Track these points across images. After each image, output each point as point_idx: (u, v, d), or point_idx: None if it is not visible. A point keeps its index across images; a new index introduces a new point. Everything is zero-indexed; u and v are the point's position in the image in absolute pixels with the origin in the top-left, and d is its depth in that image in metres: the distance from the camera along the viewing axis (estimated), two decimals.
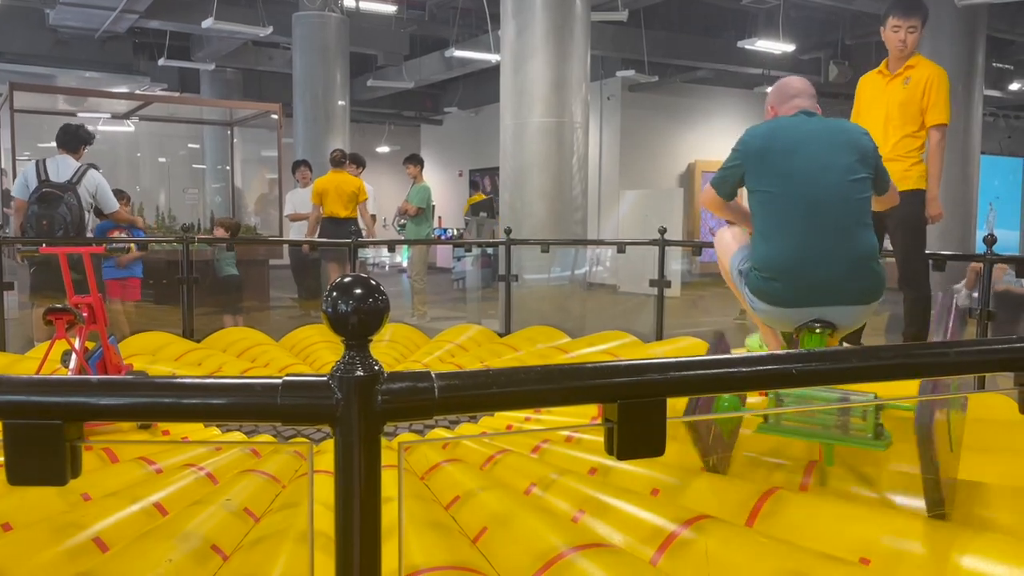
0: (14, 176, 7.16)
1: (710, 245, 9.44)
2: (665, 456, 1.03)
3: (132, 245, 6.41)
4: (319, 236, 7.93)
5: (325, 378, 0.85)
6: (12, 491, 2.69)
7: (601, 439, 2.91)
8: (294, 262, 8.57)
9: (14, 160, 7.56)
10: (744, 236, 3.12)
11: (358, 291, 0.84)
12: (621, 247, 6.38)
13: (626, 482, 2.69)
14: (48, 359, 3.46)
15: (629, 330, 5.65)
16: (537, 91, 6.73)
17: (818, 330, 2.65)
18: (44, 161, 5.62)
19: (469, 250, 9.91)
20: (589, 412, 3.63)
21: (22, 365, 4.57)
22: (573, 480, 2.66)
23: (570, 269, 7.67)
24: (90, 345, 3.64)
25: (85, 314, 3.48)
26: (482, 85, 15.16)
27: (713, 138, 14.29)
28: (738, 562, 2.05)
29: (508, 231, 6.61)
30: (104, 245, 5.46)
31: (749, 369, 1.00)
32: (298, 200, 8.56)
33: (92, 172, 5.74)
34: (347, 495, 0.85)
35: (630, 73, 11.88)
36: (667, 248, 6.05)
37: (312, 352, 5.48)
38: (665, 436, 0.94)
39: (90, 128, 6.08)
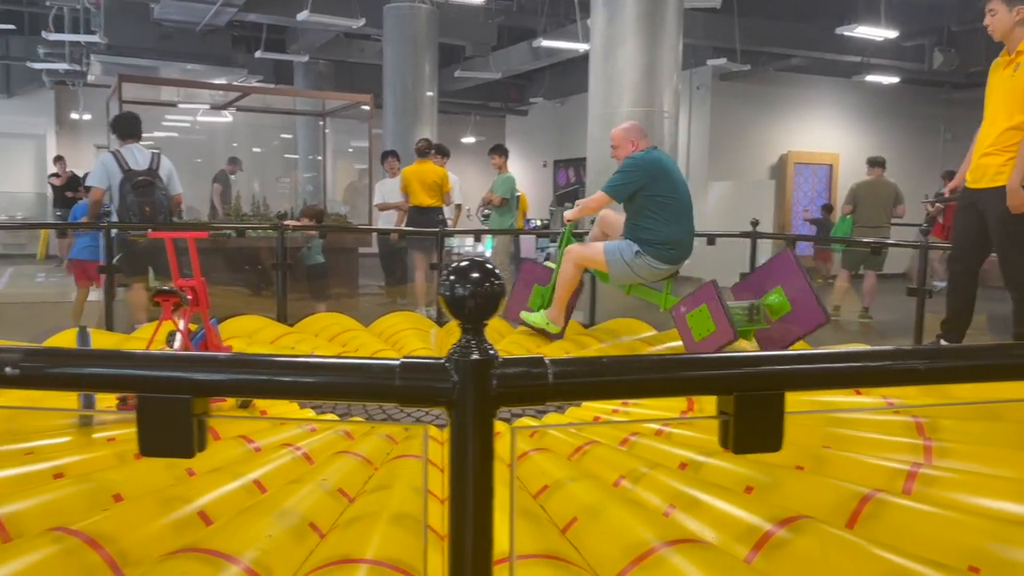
0: None
1: (805, 238, 9.29)
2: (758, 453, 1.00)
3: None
4: (406, 225, 8.05)
5: (442, 361, 0.86)
6: (123, 463, 2.83)
7: (692, 433, 2.87)
8: (382, 251, 8.73)
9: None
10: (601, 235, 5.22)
11: (475, 275, 0.85)
12: (711, 239, 6.25)
13: (718, 478, 2.64)
14: (155, 339, 3.62)
15: None
16: (627, 80, 6.65)
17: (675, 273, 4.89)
18: (119, 152, 5.89)
19: (554, 240, 9.88)
20: (678, 405, 3.58)
21: (129, 345, 4.79)
22: (663, 474, 2.63)
23: None
24: (192, 327, 3.78)
25: (189, 297, 3.62)
26: (568, 75, 15.09)
27: (808, 128, 13.85)
28: (839, 566, 1.98)
29: (594, 222, 6.56)
30: (208, 231, 5.66)
31: (874, 364, 0.95)
32: (387, 190, 8.70)
33: (164, 158, 6.04)
34: (460, 478, 0.85)
35: (721, 62, 11.61)
36: (758, 241, 5.90)
37: (400, 338, 5.57)
38: (783, 431, 0.91)
39: (189, 119, 6.40)
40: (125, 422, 3.26)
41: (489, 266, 0.86)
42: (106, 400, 3.33)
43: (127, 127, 6.02)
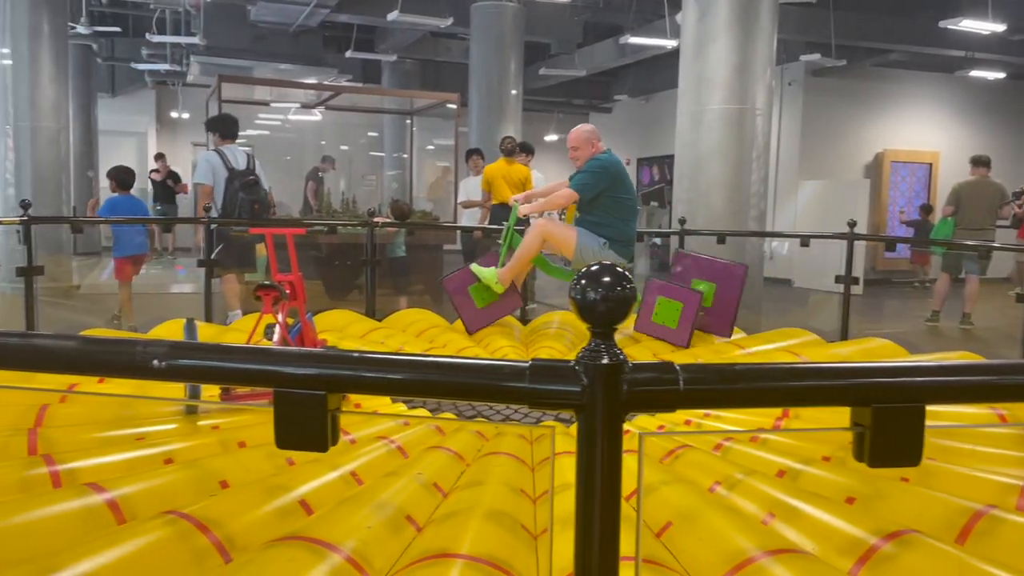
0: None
1: (903, 240, 8.91)
2: (859, 463, 0.96)
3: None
4: (489, 222, 8.10)
5: (571, 363, 0.86)
6: (227, 451, 2.94)
7: (790, 441, 2.79)
8: (465, 248, 8.81)
9: None
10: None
11: (607, 279, 0.84)
12: (805, 240, 6.08)
13: (818, 487, 2.57)
14: (255, 332, 3.75)
15: (808, 328, 5.40)
16: (718, 76, 6.52)
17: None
18: (221, 151, 6.14)
19: (641, 239, 9.79)
20: (771, 412, 3.49)
21: (228, 336, 4.96)
22: (760, 481, 2.57)
23: (744, 262, 7.39)
24: (289, 321, 3.90)
25: (288, 291, 3.73)
26: (654, 72, 14.90)
27: (906, 126, 13.33)
28: None
29: (682, 221, 6.47)
30: (305, 228, 5.84)
31: (1020, 377, 0.91)
32: (471, 188, 8.78)
33: (255, 158, 6.28)
34: (588, 481, 0.85)
35: (815, 57, 11.26)
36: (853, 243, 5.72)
37: (485, 336, 5.61)
38: (923, 445, 0.87)
39: (281, 117, 6.65)
40: (228, 411, 3.38)
41: (620, 270, 0.86)
42: (209, 389, 3.46)
43: (229, 128, 6.27)
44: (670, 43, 10.56)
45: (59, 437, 2.93)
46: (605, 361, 0.84)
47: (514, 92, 10.89)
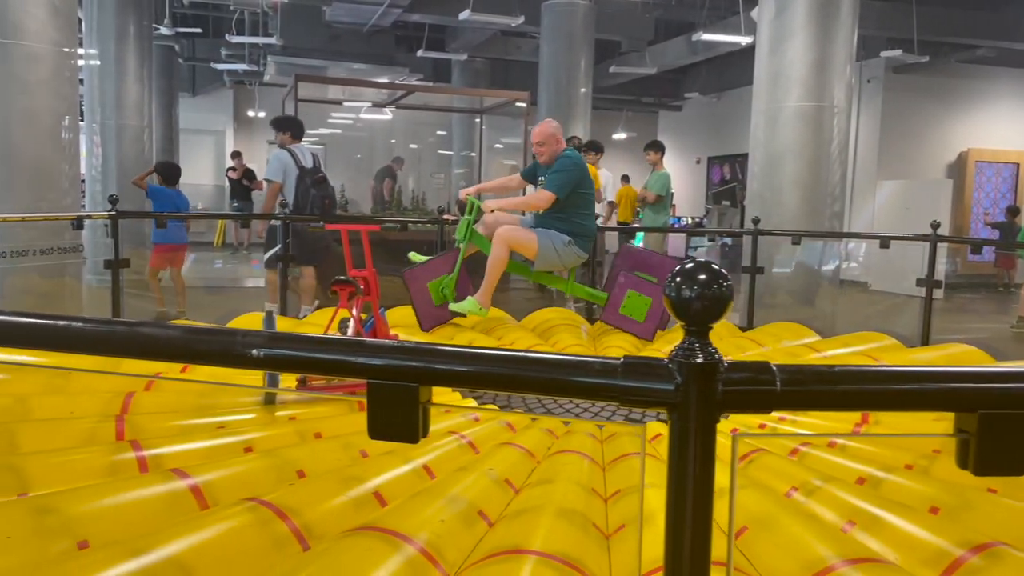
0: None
1: (989, 242, 8.56)
2: (947, 473, 0.92)
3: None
4: None
5: (664, 362, 0.85)
6: (303, 441, 3.01)
7: (871, 448, 2.71)
8: None
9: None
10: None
11: (702, 277, 0.83)
12: (885, 242, 5.90)
13: (900, 496, 2.49)
14: (330, 326, 3.82)
15: (886, 332, 5.24)
16: (795, 73, 6.38)
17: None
18: (291, 150, 6.30)
19: (713, 239, 9.64)
20: (851, 418, 3.40)
21: (302, 330, 5.08)
22: (839, 488, 2.51)
23: (819, 264, 7.23)
24: (363, 316, 3.96)
25: (363, 286, 3.79)
26: (727, 69, 14.66)
27: (992, 124, 12.80)
28: None
29: (756, 221, 6.35)
30: (380, 225, 5.95)
31: None
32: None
33: (320, 157, 6.48)
34: (680, 482, 0.84)
35: (896, 53, 10.91)
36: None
37: (553, 333, 5.60)
38: None
39: (352, 116, 6.82)
40: (304, 402, 3.46)
41: (716, 267, 0.84)
42: (287, 380, 3.55)
43: (297, 128, 6.45)
44: (744, 40, 10.37)
45: (144, 424, 3.04)
46: (700, 360, 0.83)
47: (583, 90, 10.86)
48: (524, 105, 9.66)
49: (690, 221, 14.65)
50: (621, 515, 2.37)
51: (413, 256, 5.34)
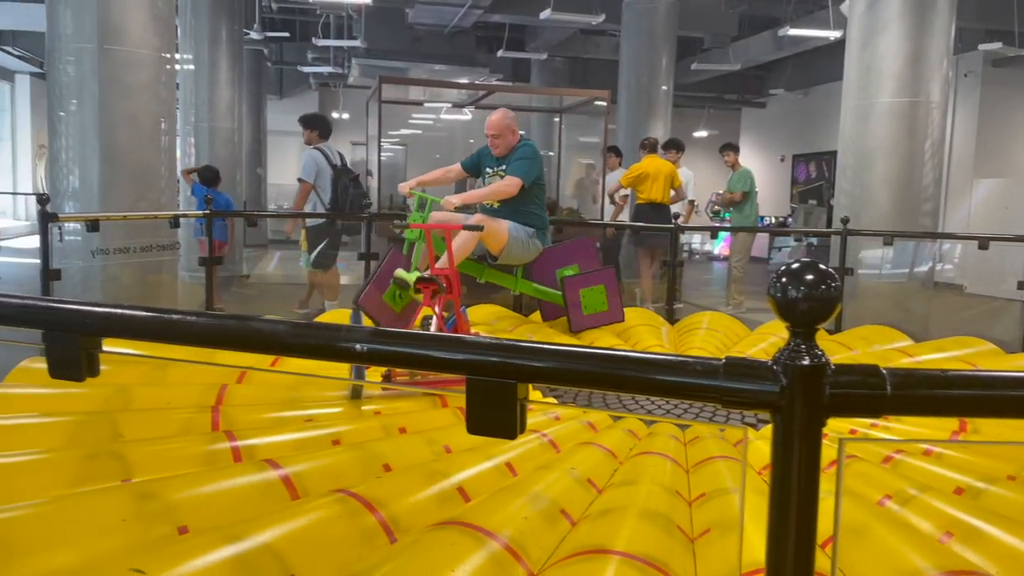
0: (378, 160, 8.12)
1: None
2: None
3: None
4: (636, 221, 8.01)
5: (768, 363, 0.83)
6: (388, 435, 3.07)
7: (969, 457, 2.60)
8: (603, 245, 8.78)
9: (379, 147, 8.54)
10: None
11: (809, 277, 0.81)
12: (983, 242, 5.64)
13: (1002, 508, 2.38)
14: (414, 323, 3.89)
15: (984, 337, 5.02)
16: (888, 68, 6.16)
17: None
18: (323, 149, 6.43)
19: (799, 240, 9.40)
20: (947, 426, 3.27)
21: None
22: (936, 498, 2.41)
23: (911, 265, 6.96)
24: (444, 314, 4.01)
25: (445, 284, 3.84)
26: (813, 64, 14.25)
27: None
28: None
29: (845, 220, 6.17)
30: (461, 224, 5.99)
31: None
32: (608, 184, 8.79)
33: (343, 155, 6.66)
34: (783, 487, 0.82)
35: (996, 46, 10.40)
36: None
37: (633, 334, 5.57)
38: None
39: (432, 117, 6.96)
40: (388, 398, 3.53)
41: (823, 267, 0.83)
42: (372, 375, 3.63)
43: (326, 127, 6.63)
44: (833, 34, 10.07)
45: (237, 415, 3.15)
46: (806, 362, 0.81)
47: (664, 88, 10.72)
48: (604, 104, 9.60)
49: (773, 221, 14.31)
50: (706, 519, 2.34)
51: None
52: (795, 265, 0.83)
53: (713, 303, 8.49)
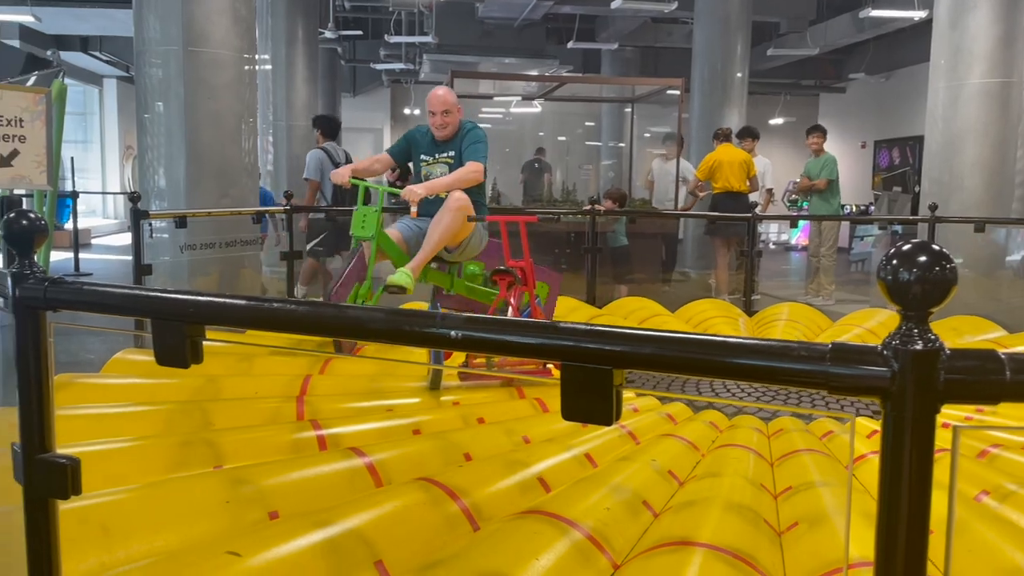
0: None
1: None
2: None
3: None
4: (713, 211, 7.88)
5: (877, 347, 0.81)
6: (467, 425, 3.10)
7: None
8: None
9: None
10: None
11: (922, 259, 0.78)
12: None
13: None
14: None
15: None
16: (979, 48, 5.89)
17: None
18: (326, 148, 6.53)
19: (883, 228, 9.08)
20: None
21: None
22: None
23: (1005, 253, 6.67)
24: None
25: (520, 276, 3.85)
26: (896, 46, 13.74)
27: None
28: None
29: (933, 207, 5.94)
30: (537, 217, 5.98)
31: None
32: (661, 173, 8.75)
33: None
34: (894, 477, 0.80)
35: None
36: None
37: (709, 326, 5.49)
38: None
39: (502, 110, 6.98)
40: (466, 389, 3.57)
41: (937, 248, 0.79)
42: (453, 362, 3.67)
43: (333, 128, 6.77)
44: (918, 14, 9.70)
45: (321, 405, 3.22)
46: (919, 346, 0.78)
47: (739, 75, 10.50)
48: (677, 92, 9.46)
49: (854, 209, 13.87)
50: (794, 513, 2.29)
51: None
52: (907, 246, 0.80)
53: (791, 294, 8.28)
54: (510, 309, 3.80)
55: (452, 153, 4.21)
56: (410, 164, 4.53)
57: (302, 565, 1.83)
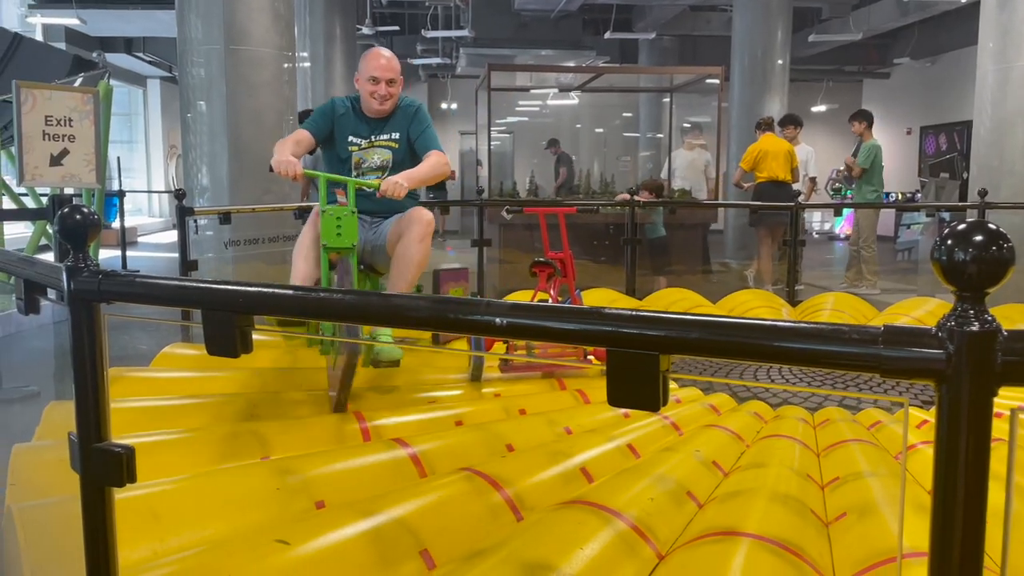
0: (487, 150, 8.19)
1: None
2: None
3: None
4: (758, 200, 7.78)
5: (932, 329, 0.79)
6: (509, 417, 3.10)
7: None
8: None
9: (489, 135, 8.62)
10: None
11: (978, 238, 0.77)
12: None
13: None
14: None
15: None
16: None
17: None
18: None
19: (932, 215, 8.89)
20: None
21: None
22: None
23: None
24: (560, 298, 4.01)
25: (560, 267, 3.85)
26: (942, 30, 13.40)
27: None
28: None
29: (983, 193, 5.79)
30: (576, 208, 5.95)
31: None
32: (680, 162, 8.73)
33: None
34: (950, 463, 0.78)
35: None
36: None
37: (752, 316, 5.42)
38: None
39: (540, 103, 6.88)
40: (508, 381, 3.57)
41: (994, 226, 0.77)
42: (490, 361, 3.67)
43: None
44: None
45: (364, 396, 3.25)
46: (975, 328, 0.77)
47: (780, 62, 10.34)
48: (716, 81, 9.35)
49: (900, 196, 13.59)
50: (842, 503, 2.26)
51: None
52: (962, 226, 0.78)
53: (834, 284, 8.15)
54: (549, 301, 3.80)
55: (396, 136, 3.33)
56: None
57: (349, 553, 1.86)
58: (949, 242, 0.77)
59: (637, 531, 2.04)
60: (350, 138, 3.32)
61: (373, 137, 3.34)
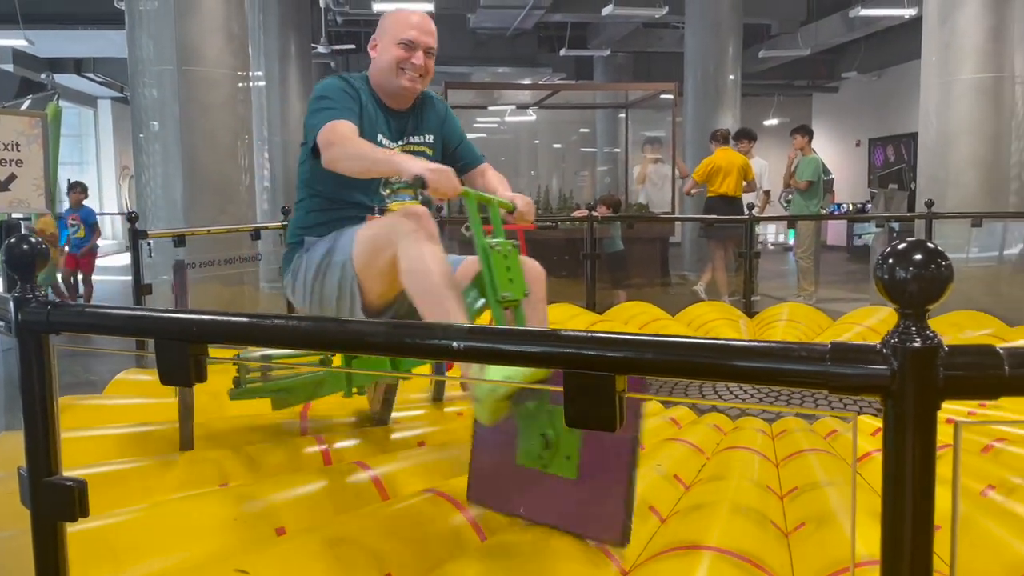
0: None
1: None
2: None
3: None
4: (707, 215, 7.89)
5: (877, 346, 0.81)
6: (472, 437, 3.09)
7: None
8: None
9: None
10: None
11: (918, 256, 0.79)
12: None
13: None
14: None
15: None
16: (969, 43, 5.93)
17: None
18: None
19: (880, 226, 9.12)
20: None
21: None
22: None
23: (1002, 247, 6.68)
24: None
25: None
26: (887, 44, 13.80)
27: None
28: None
29: (929, 203, 5.95)
30: (534, 224, 5.96)
31: None
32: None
33: None
34: (897, 476, 0.80)
35: None
36: None
37: (711, 328, 5.49)
38: None
39: (497, 120, 6.85)
40: (469, 399, 3.56)
41: (932, 246, 0.80)
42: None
43: None
44: (907, 12, 9.75)
45: (324, 420, 3.22)
46: (917, 344, 0.79)
47: (732, 78, 10.54)
48: (670, 97, 9.50)
49: (851, 207, 13.90)
50: (801, 513, 2.29)
51: None
52: (902, 245, 0.81)
53: (789, 295, 8.30)
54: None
55: (430, 139, 2.60)
56: None
57: None
58: (890, 261, 0.80)
59: (601, 548, 2.04)
60: (379, 138, 2.44)
61: (408, 139, 2.54)
